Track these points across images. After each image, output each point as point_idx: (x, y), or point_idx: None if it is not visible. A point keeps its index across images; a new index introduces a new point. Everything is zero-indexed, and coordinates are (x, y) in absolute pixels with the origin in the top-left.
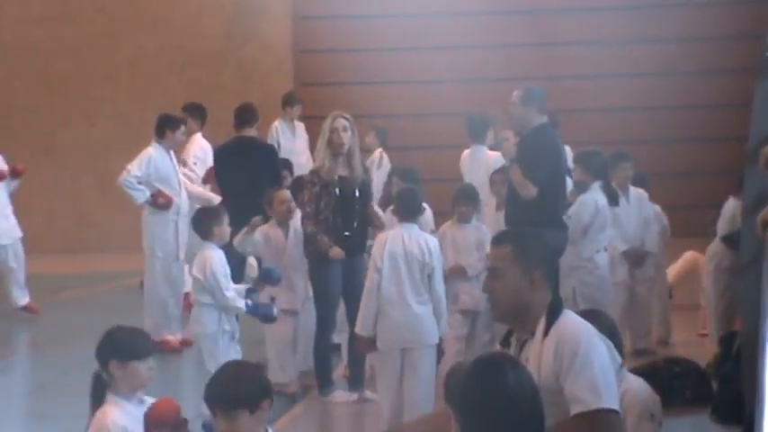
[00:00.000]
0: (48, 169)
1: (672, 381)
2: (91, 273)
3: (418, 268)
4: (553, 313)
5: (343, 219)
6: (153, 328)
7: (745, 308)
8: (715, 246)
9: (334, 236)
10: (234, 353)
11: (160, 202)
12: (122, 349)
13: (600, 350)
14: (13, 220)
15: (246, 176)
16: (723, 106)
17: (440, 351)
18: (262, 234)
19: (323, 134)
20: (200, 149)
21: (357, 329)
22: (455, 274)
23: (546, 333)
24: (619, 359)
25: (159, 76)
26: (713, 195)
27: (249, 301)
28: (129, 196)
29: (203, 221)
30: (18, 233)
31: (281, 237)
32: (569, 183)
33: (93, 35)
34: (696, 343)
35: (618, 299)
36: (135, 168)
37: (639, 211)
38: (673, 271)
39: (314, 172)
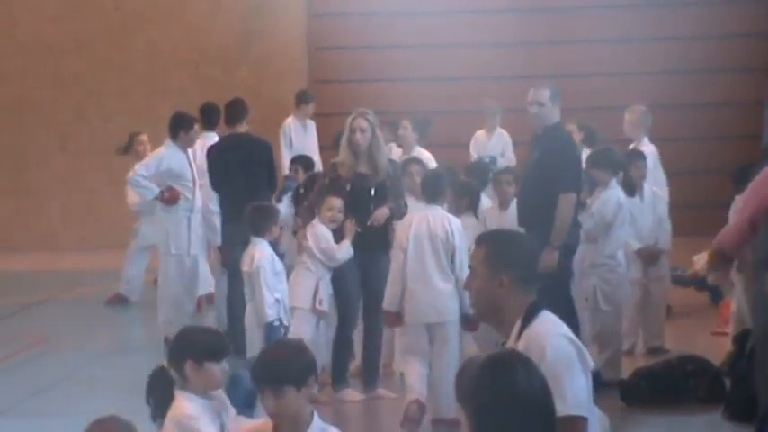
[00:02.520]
0: (62, 166)
1: (685, 379)
2: (105, 270)
3: (442, 248)
4: (528, 317)
5: (355, 216)
6: (166, 324)
7: (758, 307)
8: None
9: (342, 231)
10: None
11: (166, 196)
12: (199, 350)
13: (567, 354)
14: None
15: (242, 173)
16: (738, 104)
17: (471, 323)
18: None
19: (345, 130)
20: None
21: (384, 305)
22: None
23: (519, 337)
24: (591, 363)
25: (174, 72)
26: (727, 193)
27: (279, 321)
28: (139, 194)
29: (263, 219)
30: None
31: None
32: None
33: (107, 31)
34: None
35: (632, 297)
36: (143, 168)
37: (653, 210)
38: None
39: (332, 165)
